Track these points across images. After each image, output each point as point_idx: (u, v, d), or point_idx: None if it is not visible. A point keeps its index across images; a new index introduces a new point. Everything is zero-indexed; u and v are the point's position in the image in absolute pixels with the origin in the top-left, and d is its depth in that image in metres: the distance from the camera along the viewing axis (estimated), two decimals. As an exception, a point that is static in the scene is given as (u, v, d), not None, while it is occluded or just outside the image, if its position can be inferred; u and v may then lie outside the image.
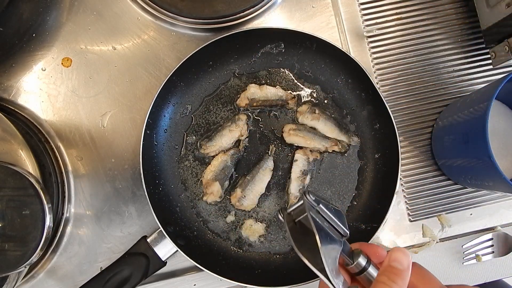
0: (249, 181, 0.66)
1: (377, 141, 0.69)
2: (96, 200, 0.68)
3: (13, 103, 0.68)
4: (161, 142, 0.68)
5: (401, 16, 0.73)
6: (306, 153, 0.67)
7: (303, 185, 0.67)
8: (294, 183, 0.67)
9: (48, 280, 0.67)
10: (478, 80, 0.73)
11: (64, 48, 0.70)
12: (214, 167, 0.67)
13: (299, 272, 0.64)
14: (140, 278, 0.61)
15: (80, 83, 0.69)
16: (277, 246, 0.68)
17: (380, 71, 0.72)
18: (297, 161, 0.67)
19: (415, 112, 0.72)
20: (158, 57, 0.70)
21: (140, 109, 0.70)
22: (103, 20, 0.70)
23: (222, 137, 0.67)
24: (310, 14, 0.73)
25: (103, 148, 0.69)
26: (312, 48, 0.68)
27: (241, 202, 0.66)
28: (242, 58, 0.70)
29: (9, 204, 0.55)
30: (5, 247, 0.55)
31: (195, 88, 0.69)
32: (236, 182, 0.68)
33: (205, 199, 0.67)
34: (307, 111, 0.68)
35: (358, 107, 0.70)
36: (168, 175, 0.68)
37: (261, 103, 0.68)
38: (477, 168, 0.60)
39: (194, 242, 0.66)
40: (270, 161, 0.68)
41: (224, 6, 0.67)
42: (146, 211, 0.68)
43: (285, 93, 0.68)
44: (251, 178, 0.67)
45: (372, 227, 0.63)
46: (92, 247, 0.67)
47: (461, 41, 0.73)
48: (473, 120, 0.59)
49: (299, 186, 0.67)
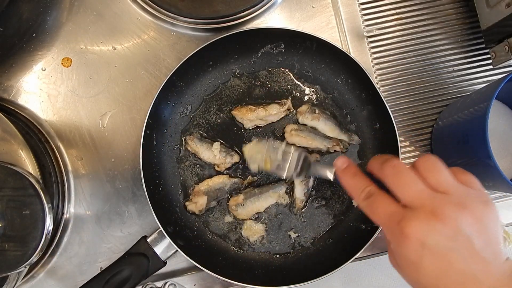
0: (255, 194, 0.66)
1: (377, 141, 0.69)
2: (96, 200, 0.68)
3: (13, 103, 0.68)
4: (161, 142, 0.68)
5: (401, 16, 0.73)
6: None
7: (308, 188, 0.67)
8: (298, 188, 0.67)
9: (48, 280, 0.67)
10: (478, 80, 0.73)
11: (64, 48, 0.70)
12: (212, 182, 0.66)
13: (299, 272, 0.65)
14: (140, 278, 0.61)
15: (80, 83, 0.69)
16: (277, 246, 0.67)
17: (380, 71, 0.72)
18: None
19: (415, 112, 0.72)
20: (158, 57, 0.70)
21: (140, 109, 0.70)
22: (103, 20, 0.70)
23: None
24: (310, 14, 0.73)
25: (103, 148, 0.69)
26: (312, 48, 0.68)
27: (237, 208, 0.66)
28: (242, 58, 0.70)
29: (9, 204, 0.55)
30: (5, 247, 0.55)
31: (195, 88, 0.69)
32: (243, 189, 0.68)
33: (187, 204, 0.66)
34: (307, 111, 0.68)
35: (358, 107, 0.70)
36: (168, 175, 0.68)
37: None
38: (477, 168, 0.60)
39: (194, 242, 0.66)
40: (284, 188, 0.67)
41: (224, 6, 0.67)
42: (146, 211, 0.68)
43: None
44: (259, 192, 0.66)
45: (372, 227, 0.63)
46: (92, 247, 0.67)
47: (461, 41, 0.73)
48: (473, 120, 0.59)
49: (303, 190, 0.67)
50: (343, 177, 0.47)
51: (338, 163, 0.48)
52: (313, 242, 0.67)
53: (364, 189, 0.43)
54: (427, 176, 0.40)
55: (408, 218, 0.37)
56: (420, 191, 0.39)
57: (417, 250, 0.37)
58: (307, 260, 0.66)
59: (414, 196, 0.39)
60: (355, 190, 0.45)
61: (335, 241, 0.67)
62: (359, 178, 0.45)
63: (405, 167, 0.41)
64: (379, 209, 0.41)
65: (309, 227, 0.68)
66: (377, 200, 0.41)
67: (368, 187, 0.43)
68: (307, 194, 0.67)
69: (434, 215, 0.36)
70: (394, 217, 0.39)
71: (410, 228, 0.36)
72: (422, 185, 0.39)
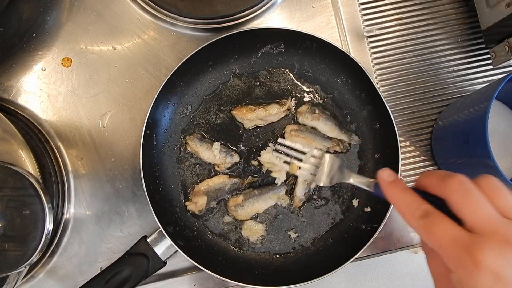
0: (255, 195, 0.66)
1: (377, 141, 0.69)
2: (96, 200, 0.68)
3: (13, 103, 0.68)
4: (161, 142, 0.68)
5: (401, 16, 0.73)
6: None
7: (309, 188, 0.67)
8: (300, 186, 0.67)
9: (48, 280, 0.67)
10: (478, 80, 0.73)
11: (64, 48, 0.70)
12: (212, 182, 0.67)
13: (299, 272, 0.64)
14: (140, 278, 0.61)
15: (80, 83, 0.69)
16: (277, 246, 0.67)
17: (380, 71, 0.72)
18: None
19: (415, 112, 0.72)
20: (158, 57, 0.70)
21: (140, 109, 0.70)
22: (103, 20, 0.70)
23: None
24: (310, 14, 0.73)
25: (103, 148, 0.69)
26: (312, 48, 0.68)
27: (236, 208, 0.66)
28: (242, 58, 0.70)
29: (9, 204, 0.55)
30: (5, 247, 0.55)
31: (195, 88, 0.69)
32: (242, 189, 0.68)
33: (187, 204, 0.67)
34: (307, 111, 0.68)
35: (358, 107, 0.70)
36: (168, 175, 0.68)
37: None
38: (477, 168, 0.60)
39: (194, 242, 0.66)
40: (283, 189, 0.67)
41: (224, 6, 0.67)
42: (146, 211, 0.68)
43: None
44: (258, 194, 0.66)
45: (372, 227, 0.63)
46: (92, 247, 0.67)
47: (461, 41, 0.73)
48: (473, 120, 0.59)
49: (305, 189, 0.67)
50: (392, 191, 0.41)
51: (385, 175, 0.42)
52: (313, 242, 0.67)
53: (419, 206, 0.38)
54: (493, 198, 0.36)
55: (480, 245, 0.33)
56: (490, 215, 0.35)
57: (490, 282, 0.33)
58: (307, 260, 0.66)
59: (485, 221, 0.34)
60: (408, 206, 0.39)
61: (335, 241, 0.67)
62: (411, 194, 0.40)
63: (474, 185, 0.36)
64: (440, 232, 0.35)
65: (309, 227, 0.68)
66: (437, 221, 0.36)
67: (424, 205, 0.38)
68: (307, 195, 0.67)
69: (510, 245, 0.33)
70: (460, 242, 0.34)
71: (484, 257, 0.32)
72: (492, 209, 0.35)
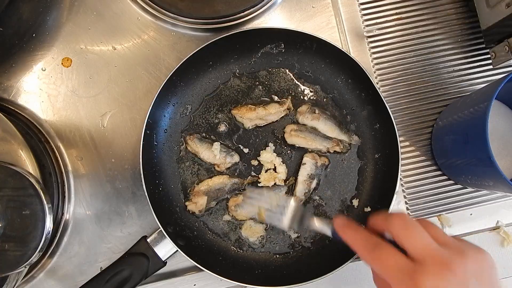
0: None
1: (377, 141, 0.69)
2: (96, 200, 0.68)
3: (13, 103, 0.68)
4: (161, 142, 0.68)
5: (401, 16, 0.73)
6: (314, 157, 0.67)
7: (309, 189, 0.67)
8: (300, 186, 0.67)
9: (48, 280, 0.67)
10: (478, 80, 0.73)
11: (64, 48, 0.70)
12: (212, 182, 0.67)
13: (299, 272, 0.64)
14: (140, 278, 0.61)
15: (80, 83, 0.69)
16: (277, 246, 0.67)
17: (380, 71, 0.72)
18: (305, 164, 0.67)
19: (415, 112, 0.72)
20: (158, 57, 0.70)
21: (140, 109, 0.69)
22: (103, 20, 0.70)
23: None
24: (310, 14, 0.73)
25: (103, 148, 0.69)
26: (312, 48, 0.68)
27: (236, 208, 0.66)
28: (242, 58, 0.70)
29: (9, 204, 0.55)
30: (5, 247, 0.55)
31: (195, 88, 0.69)
32: (242, 189, 0.68)
33: (187, 204, 0.66)
34: (307, 111, 0.68)
35: (358, 107, 0.70)
36: (168, 175, 0.68)
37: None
38: (477, 168, 0.60)
39: (194, 242, 0.66)
40: (284, 190, 0.68)
41: (224, 6, 0.67)
42: (146, 211, 0.68)
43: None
44: (259, 195, 0.66)
45: (372, 227, 0.63)
46: (92, 247, 0.67)
47: (461, 41, 0.73)
48: (473, 120, 0.59)
49: (305, 189, 0.67)
50: (345, 231, 0.47)
51: (338, 220, 0.49)
52: (313, 242, 0.67)
53: (370, 240, 0.44)
54: (429, 230, 0.42)
55: (422, 272, 0.38)
56: (428, 244, 0.40)
57: None
58: (307, 260, 0.66)
59: (425, 249, 0.40)
60: (359, 242, 0.45)
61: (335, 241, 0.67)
62: (361, 231, 0.46)
63: (414, 220, 0.42)
64: (388, 262, 0.41)
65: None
66: (385, 252, 0.42)
67: (373, 239, 0.44)
68: (307, 195, 0.67)
69: (444, 266, 0.38)
70: (404, 270, 0.40)
71: (424, 282, 0.38)
72: (428, 237, 0.41)
